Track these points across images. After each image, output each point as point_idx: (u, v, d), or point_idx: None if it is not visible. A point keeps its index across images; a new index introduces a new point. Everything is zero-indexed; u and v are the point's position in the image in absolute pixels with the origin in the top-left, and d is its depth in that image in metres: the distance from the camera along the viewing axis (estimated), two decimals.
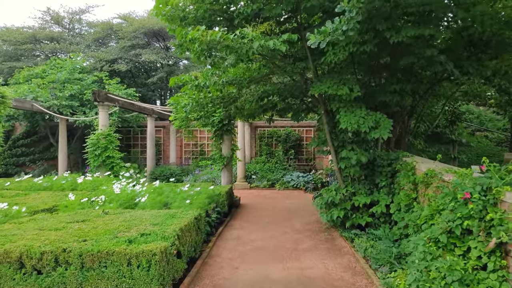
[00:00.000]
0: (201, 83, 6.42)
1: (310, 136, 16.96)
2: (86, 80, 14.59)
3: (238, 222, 8.12)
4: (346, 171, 6.80)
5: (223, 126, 9.93)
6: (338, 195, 6.69)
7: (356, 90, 5.95)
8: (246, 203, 10.59)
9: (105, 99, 10.31)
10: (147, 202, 6.27)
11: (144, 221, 4.90)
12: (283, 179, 14.19)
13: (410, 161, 5.84)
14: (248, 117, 7.96)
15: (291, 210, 9.57)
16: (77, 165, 16.69)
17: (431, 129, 9.79)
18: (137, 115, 15.55)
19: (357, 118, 5.88)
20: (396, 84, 6.45)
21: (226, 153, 10.16)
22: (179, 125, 10.20)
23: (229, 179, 10.26)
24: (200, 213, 5.66)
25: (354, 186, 6.90)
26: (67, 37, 19.81)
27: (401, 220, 5.59)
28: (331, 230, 7.37)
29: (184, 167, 15.87)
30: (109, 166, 10.21)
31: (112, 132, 10.63)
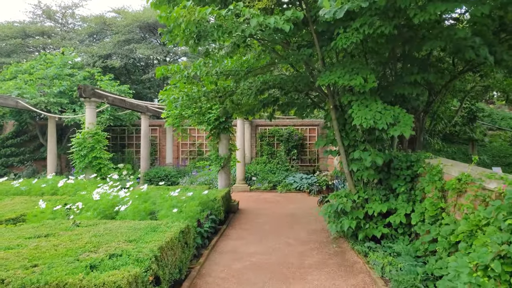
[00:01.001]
0: (191, 73, 5.57)
1: (314, 135, 16.09)
2: (77, 76, 13.78)
3: (235, 231, 7.27)
4: (358, 174, 5.94)
5: (220, 124, 9.09)
6: (349, 202, 5.83)
7: (371, 80, 5.10)
8: (245, 208, 9.75)
9: (92, 95, 9.48)
10: (128, 210, 5.42)
11: (118, 236, 4.05)
12: (285, 181, 13.34)
13: (435, 163, 4.97)
14: (247, 114, 7.13)
15: (294, 216, 8.71)
16: (69, 166, 15.88)
17: (448, 127, 8.94)
18: (131, 113, 14.73)
19: (373, 113, 5.02)
20: (417, 74, 5.58)
21: (224, 153, 9.31)
22: (172, 123, 9.36)
23: (226, 182, 9.42)
24: (188, 225, 4.81)
25: (367, 192, 6.04)
26: (60, 32, 19.01)
27: (425, 233, 4.73)
28: (340, 240, 6.51)
29: (181, 168, 15.04)
30: (96, 167, 9.38)
31: (100, 130, 9.80)
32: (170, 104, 6.70)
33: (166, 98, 6.54)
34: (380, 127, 4.90)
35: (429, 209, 4.62)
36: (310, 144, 16.06)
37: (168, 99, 6.42)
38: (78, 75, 13.88)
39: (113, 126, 16.21)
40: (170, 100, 6.36)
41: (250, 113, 7.14)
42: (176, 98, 6.32)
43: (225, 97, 6.26)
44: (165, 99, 7.16)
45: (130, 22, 17.24)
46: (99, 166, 9.40)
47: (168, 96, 6.59)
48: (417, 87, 5.72)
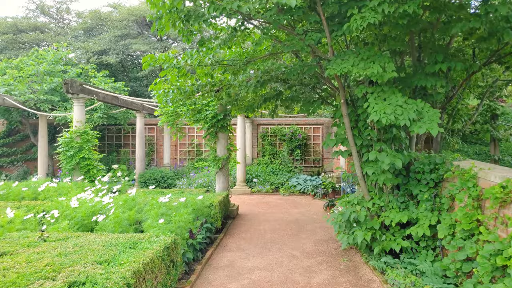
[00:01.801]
0: (181, 61, 4.85)
1: (318, 134, 15.34)
2: (69, 73, 13.09)
3: (234, 241, 6.53)
4: (373, 178, 5.20)
5: (218, 122, 8.36)
6: (363, 211, 5.09)
7: (390, 69, 4.35)
8: (245, 213, 9.02)
9: (81, 91, 8.78)
10: (109, 220, 4.70)
11: (88, 256, 3.34)
12: (288, 183, 12.60)
13: (467, 166, 4.22)
14: (246, 110, 6.40)
15: (299, 222, 7.97)
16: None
17: (468, 125, 8.17)
18: (126, 111, 14.03)
19: (393, 107, 4.28)
20: (442, 62, 4.82)
21: (222, 154, 8.59)
22: (165, 121, 8.65)
23: (225, 184, 8.69)
24: (176, 240, 4.09)
25: (383, 198, 5.29)
26: (54, 27, 18.33)
27: (456, 249, 3.98)
28: (351, 252, 5.77)
29: (179, 169, 14.33)
30: (84, 169, 8.68)
31: (90, 129, 9.09)
32: (160, 99, 5.99)
33: (156, 93, 5.83)
34: (402, 123, 4.15)
35: (462, 221, 3.87)
36: (314, 144, 15.31)
37: (156, 93, 5.71)
38: (71, 71, 13.19)
39: (109, 125, 15.55)
40: (159, 94, 5.65)
41: (250, 109, 6.41)
42: (166, 92, 5.60)
43: (222, 91, 5.53)
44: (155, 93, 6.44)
45: (126, 16, 16.52)
46: (88, 167, 8.70)
47: (158, 90, 5.87)
48: (441, 79, 4.97)
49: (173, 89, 5.67)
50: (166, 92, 5.65)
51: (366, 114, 5.21)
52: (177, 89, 5.66)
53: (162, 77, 5.95)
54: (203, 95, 6.42)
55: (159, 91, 5.68)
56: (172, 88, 5.69)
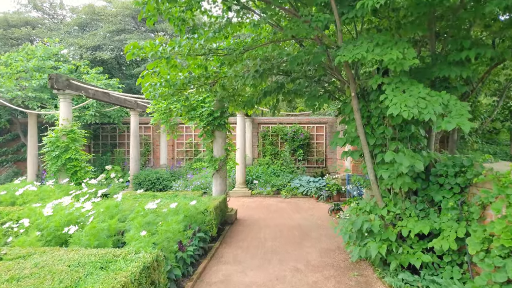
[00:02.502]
0: (168, 48, 4.21)
1: (322, 133, 14.69)
2: (61, 69, 12.48)
3: (231, 250, 5.90)
4: (387, 182, 4.56)
5: (214, 120, 7.73)
6: (376, 220, 4.44)
7: (410, 56, 3.71)
8: (244, 218, 8.38)
9: (67, 87, 8.16)
10: (85, 232, 4.06)
11: (45, 281, 2.71)
12: (290, 185, 11.96)
13: (503, 169, 3.58)
14: (245, 106, 5.76)
15: (302, 228, 7.33)
16: None
17: (487, 123, 7.51)
18: (120, 109, 13.42)
19: (415, 100, 3.64)
20: (469, 49, 4.17)
21: (219, 154, 7.95)
22: (158, 119, 8.03)
23: (222, 187, 8.06)
24: (159, 257, 3.45)
25: (398, 205, 4.65)
26: (48, 23, 17.71)
27: (493, 268, 3.34)
28: (361, 265, 5.13)
29: (175, 170, 13.70)
30: (70, 171, 8.06)
31: (77, 127, 8.47)
32: (147, 94, 5.36)
33: (142, 86, 5.20)
34: (426, 117, 3.51)
35: (502, 236, 3.22)
36: (317, 144, 14.66)
37: (142, 86, 5.08)
38: (62, 67, 12.57)
39: (103, 124, 14.95)
40: (145, 88, 5.02)
41: (248, 105, 5.77)
42: (153, 85, 4.97)
43: (216, 84, 4.90)
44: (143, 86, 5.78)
45: (121, 11, 15.88)
46: (75, 169, 8.08)
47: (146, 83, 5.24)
48: (467, 68, 4.31)
49: (161, 82, 5.04)
50: (153, 85, 5.01)
51: (380, 110, 4.58)
52: (165, 82, 5.03)
53: (150, 69, 5.32)
54: (197, 89, 5.78)
55: (145, 84, 5.05)
56: (160, 81, 5.05)
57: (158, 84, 5.01)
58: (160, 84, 5.03)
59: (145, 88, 5.07)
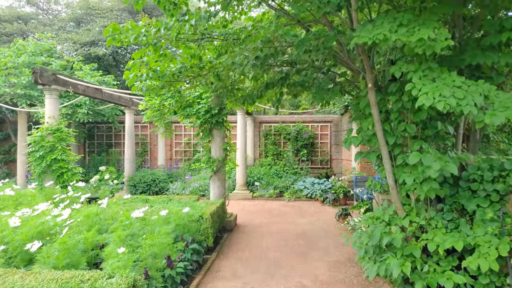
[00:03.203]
0: (152, 30, 3.58)
1: (326, 133, 14.03)
2: (52, 65, 11.87)
3: (229, 263, 5.25)
4: (409, 187, 3.91)
5: (212, 118, 7.10)
6: (398, 233, 3.79)
7: (442, 37, 3.06)
8: (245, 223, 7.74)
9: (53, 82, 7.54)
10: (53, 248, 3.42)
11: None
12: (293, 187, 11.31)
13: None
14: (244, 101, 5.12)
15: (308, 236, 6.68)
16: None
17: None
18: (115, 107, 12.81)
19: (451, 89, 2.98)
20: (511, 30, 3.51)
21: (217, 154, 7.31)
22: (151, 117, 7.40)
23: (220, 190, 7.42)
24: (136, 282, 2.81)
25: (422, 214, 4.00)
26: (42, 18, 17.12)
27: None
28: (378, 283, 4.47)
29: (173, 171, 13.08)
30: (56, 172, 7.44)
31: (64, 126, 7.86)
32: (134, 88, 4.72)
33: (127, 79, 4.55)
34: (466, 110, 2.86)
35: None
36: (322, 143, 14.00)
37: (127, 78, 4.44)
38: (54, 63, 11.96)
39: (98, 123, 14.36)
40: (130, 80, 4.39)
41: (248, 100, 5.12)
42: (139, 76, 4.33)
43: (211, 73, 4.25)
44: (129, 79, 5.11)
45: (116, 4, 15.27)
46: (61, 171, 7.46)
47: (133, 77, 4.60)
48: (505, 54, 3.65)
49: (147, 72, 4.40)
50: (139, 76, 4.37)
51: (401, 103, 3.93)
52: (153, 73, 4.40)
53: (137, 58, 4.69)
54: (191, 82, 5.14)
55: (130, 76, 4.41)
56: (147, 71, 4.42)
57: (145, 75, 4.37)
58: (147, 75, 4.39)
59: (130, 80, 4.43)
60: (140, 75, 4.37)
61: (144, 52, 4.57)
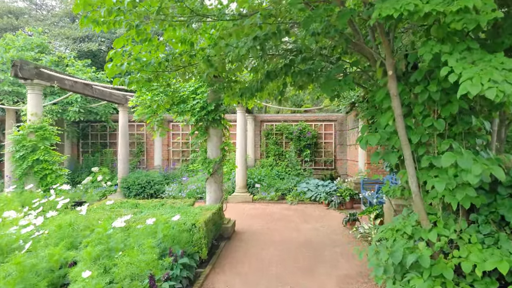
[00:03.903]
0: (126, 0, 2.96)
1: (330, 132, 13.39)
2: (42, 61, 11.28)
3: (225, 278, 4.63)
4: (436, 194, 3.29)
5: (208, 115, 6.49)
6: (425, 249, 3.16)
7: (489, 7, 2.44)
8: (244, 230, 7.12)
9: (35, 76, 6.95)
10: (7, 271, 2.81)
11: None
12: (296, 189, 10.68)
13: None
14: (242, 95, 4.49)
15: (313, 245, 6.06)
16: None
17: None
18: (108, 105, 12.22)
19: (502, 73, 2.36)
20: None
21: (214, 155, 6.70)
22: (142, 114, 6.80)
23: (217, 194, 6.80)
24: None
25: (451, 226, 3.37)
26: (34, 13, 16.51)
27: None
28: None
29: (169, 172, 12.46)
30: (39, 175, 6.84)
31: (48, 124, 7.25)
32: (115, 81, 4.11)
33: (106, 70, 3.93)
34: None
35: None
36: (326, 143, 13.37)
37: (106, 69, 3.83)
38: (44, 59, 11.37)
39: (92, 122, 13.77)
40: (109, 70, 3.78)
41: (247, 93, 4.49)
42: (119, 66, 3.73)
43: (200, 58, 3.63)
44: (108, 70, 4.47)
45: None
46: (44, 172, 6.86)
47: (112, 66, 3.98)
48: None
49: (129, 61, 3.79)
50: (118, 66, 3.76)
51: (427, 94, 3.30)
52: (134, 61, 3.79)
53: (119, 48, 4.07)
54: (183, 74, 4.53)
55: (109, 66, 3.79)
56: (128, 60, 3.81)
57: (125, 64, 3.76)
58: (128, 64, 3.77)
59: (110, 72, 3.82)
60: (120, 65, 3.75)
61: (126, 40, 3.96)
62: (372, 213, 6.84)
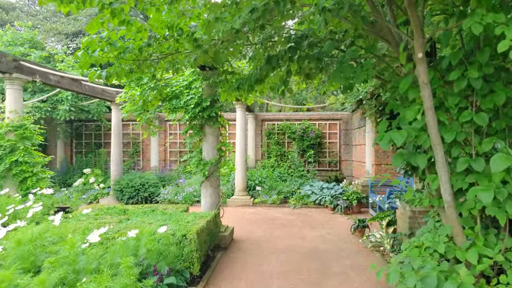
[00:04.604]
0: None
1: (335, 131, 12.76)
2: (31, 56, 10.70)
3: None
4: (471, 205, 2.67)
5: (203, 111, 5.88)
6: (468, 275, 2.53)
7: None
8: (243, 237, 6.50)
9: (15, 69, 6.35)
10: None
11: None
12: (299, 192, 10.06)
13: None
14: (238, 86, 3.87)
15: (320, 256, 5.43)
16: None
17: None
18: (102, 103, 11.63)
19: None
20: None
21: (210, 156, 6.09)
22: (131, 111, 6.20)
23: (213, 199, 6.19)
24: None
25: (491, 243, 2.76)
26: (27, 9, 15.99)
27: None
28: None
29: (166, 174, 11.86)
30: (18, 177, 6.25)
31: (30, 122, 6.66)
32: (91, 74, 3.51)
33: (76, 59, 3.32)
34: None
35: None
36: (330, 144, 12.74)
37: (76, 59, 3.22)
38: (33, 54, 10.80)
39: (87, 121, 13.18)
40: (80, 61, 3.18)
41: (245, 85, 3.87)
42: (91, 53, 3.12)
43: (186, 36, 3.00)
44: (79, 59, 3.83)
45: None
46: (23, 175, 6.27)
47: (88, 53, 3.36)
48: None
49: (102, 46, 3.19)
50: (90, 53, 3.16)
51: (465, 81, 2.68)
52: (109, 45, 3.19)
53: (94, 34, 3.47)
54: (170, 62, 3.91)
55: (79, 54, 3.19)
56: (101, 46, 3.20)
57: (97, 51, 3.15)
58: (101, 50, 3.17)
59: (81, 62, 3.22)
60: (92, 51, 3.15)
61: (102, 24, 3.35)
62: (384, 220, 6.22)
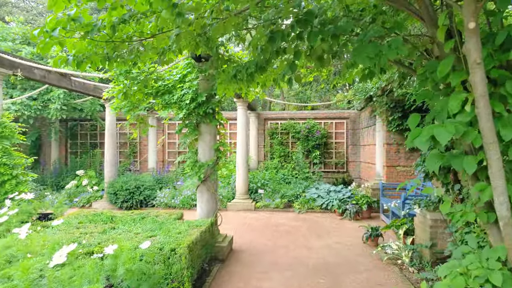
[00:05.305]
0: None
1: (342, 131, 12.11)
2: (21, 52, 10.15)
3: None
4: None
5: (199, 108, 5.27)
6: None
7: None
8: (243, 248, 5.87)
9: None
10: None
11: None
12: (305, 195, 9.42)
13: None
14: (237, 75, 3.25)
15: (330, 270, 4.79)
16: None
17: None
18: (96, 101, 11.05)
19: None
20: None
21: (206, 157, 5.47)
22: (118, 107, 5.59)
23: (210, 205, 5.56)
24: None
25: None
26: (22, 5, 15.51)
27: None
28: None
29: (163, 176, 11.26)
30: None
31: (9, 120, 6.08)
32: (55, 59, 2.92)
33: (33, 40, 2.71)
34: None
35: None
36: (337, 144, 12.08)
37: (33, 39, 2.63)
38: (24, 50, 10.25)
39: (82, 120, 12.64)
40: (38, 44, 2.59)
41: (244, 73, 3.26)
42: (49, 31, 2.53)
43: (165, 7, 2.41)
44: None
45: None
46: (1, 178, 5.68)
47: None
48: None
49: (64, 23, 2.59)
50: (48, 32, 2.57)
51: None
52: (72, 22, 2.59)
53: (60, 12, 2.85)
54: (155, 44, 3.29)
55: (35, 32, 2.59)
56: (63, 22, 2.60)
57: (58, 29, 2.56)
58: (63, 28, 2.57)
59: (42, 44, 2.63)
60: (51, 30, 2.55)
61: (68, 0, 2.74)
62: (401, 229, 5.58)
